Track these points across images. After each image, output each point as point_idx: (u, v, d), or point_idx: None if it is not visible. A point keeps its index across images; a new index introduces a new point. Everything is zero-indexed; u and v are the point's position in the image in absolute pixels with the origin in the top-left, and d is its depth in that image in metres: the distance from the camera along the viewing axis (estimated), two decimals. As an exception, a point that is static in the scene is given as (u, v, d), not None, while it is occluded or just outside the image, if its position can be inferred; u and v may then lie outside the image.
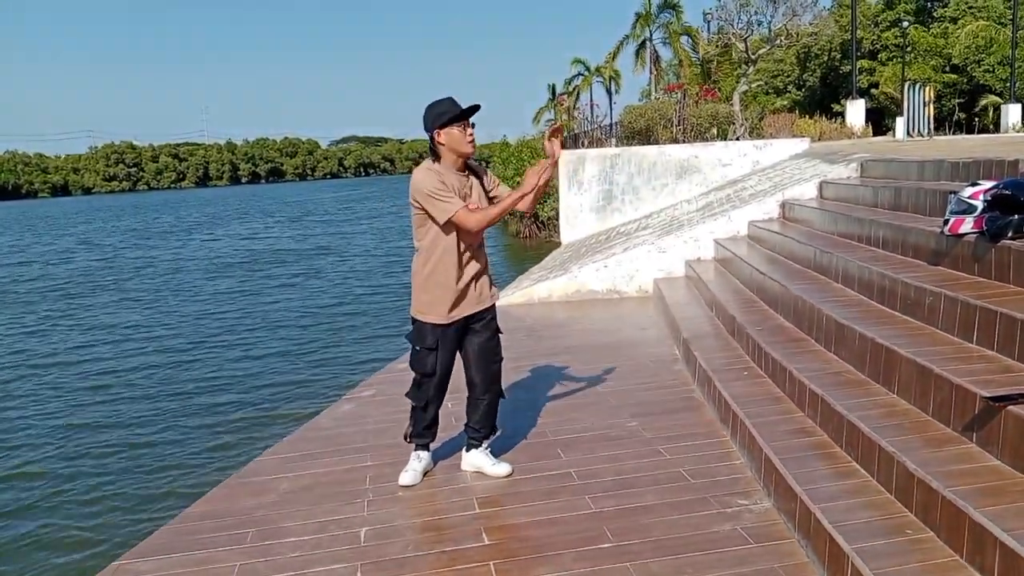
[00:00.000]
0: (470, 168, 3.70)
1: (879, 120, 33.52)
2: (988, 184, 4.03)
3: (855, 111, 21.09)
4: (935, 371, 3.17)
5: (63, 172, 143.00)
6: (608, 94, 47.79)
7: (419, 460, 3.93)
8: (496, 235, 26.29)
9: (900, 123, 16.26)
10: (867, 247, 5.37)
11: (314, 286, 19.27)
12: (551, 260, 11.37)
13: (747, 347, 5.04)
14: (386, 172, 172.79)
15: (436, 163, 3.59)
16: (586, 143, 21.00)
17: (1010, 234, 3.73)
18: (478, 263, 3.75)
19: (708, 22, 33.68)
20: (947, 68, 38.86)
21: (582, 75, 49.92)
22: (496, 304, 3.93)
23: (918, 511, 2.74)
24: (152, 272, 24.00)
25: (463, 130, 3.53)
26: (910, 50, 38.51)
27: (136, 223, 51.65)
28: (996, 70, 35.98)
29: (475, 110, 3.56)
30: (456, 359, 3.85)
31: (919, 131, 14.85)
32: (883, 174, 7.16)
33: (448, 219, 3.52)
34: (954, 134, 24.66)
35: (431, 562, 3.12)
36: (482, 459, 3.95)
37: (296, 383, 10.32)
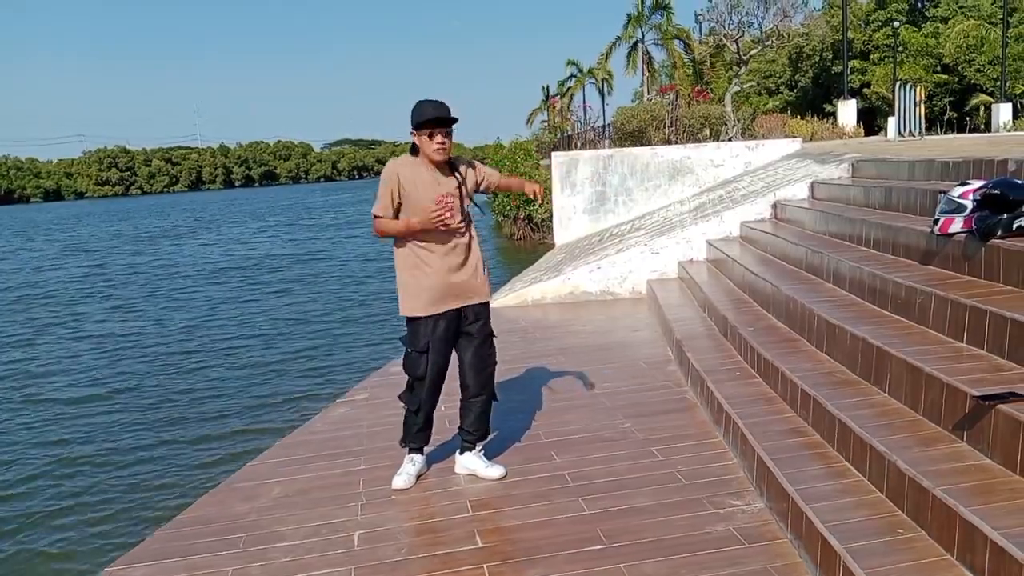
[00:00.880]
0: (453, 166, 3.74)
1: (871, 120, 33.66)
2: (977, 183, 4.05)
3: (847, 111, 21.16)
4: (926, 371, 3.18)
5: (56, 177, 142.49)
6: (601, 95, 47.94)
7: (413, 463, 3.93)
8: (489, 237, 26.30)
9: (892, 123, 16.30)
10: (858, 247, 5.39)
11: (308, 291, 19.23)
12: (544, 262, 11.36)
13: (740, 348, 5.05)
14: (380, 175, 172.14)
15: (414, 156, 3.74)
16: (579, 144, 21.02)
17: (999, 233, 3.74)
18: (459, 256, 3.76)
19: (700, 23, 33.86)
20: (938, 68, 39.09)
21: (575, 76, 50.04)
22: (490, 307, 3.93)
23: (909, 510, 2.75)
24: (143, 279, 23.89)
25: (431, 138, 3.61)
26: (901, 50, 38.72)
27: (128, 228, 51.46)
28: (987, 69, 36.21)
29: (444, 122, 3.59)
30: (450, 362, 3.85)
31: (911, 131, 14.88)
32: (874, 174, 7.18)
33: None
34: (946, 133, 24.75)
35: (425, 565, 3.12)
36: (476, 462, 3.95)
37: (289, 388, 10.31)
